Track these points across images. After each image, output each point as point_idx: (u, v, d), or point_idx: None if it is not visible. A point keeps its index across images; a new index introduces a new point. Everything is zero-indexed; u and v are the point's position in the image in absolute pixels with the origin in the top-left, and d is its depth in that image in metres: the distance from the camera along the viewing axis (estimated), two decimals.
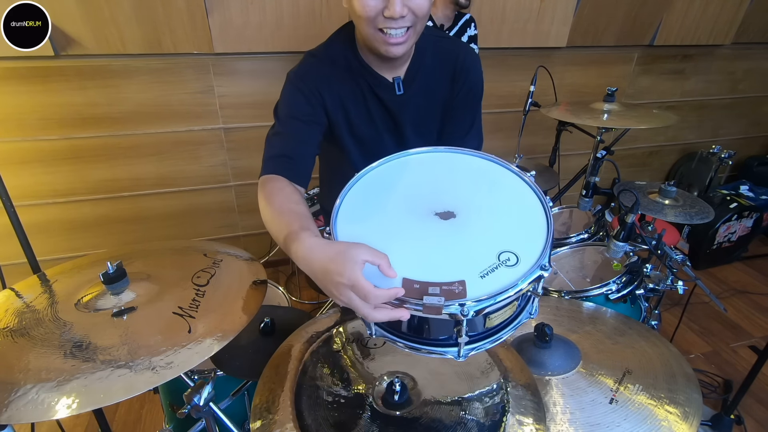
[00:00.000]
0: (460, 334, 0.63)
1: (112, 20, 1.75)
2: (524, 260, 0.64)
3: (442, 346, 0.67)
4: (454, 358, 0.66)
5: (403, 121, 1.06)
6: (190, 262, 0.98)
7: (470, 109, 1.11)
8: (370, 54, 0.98)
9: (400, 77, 1.02)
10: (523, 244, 0.66)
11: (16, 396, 0.64)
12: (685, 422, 0.75)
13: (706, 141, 3.12)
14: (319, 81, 0.98)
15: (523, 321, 0.70)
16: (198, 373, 1.09)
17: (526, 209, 0.73)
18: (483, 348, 0.67)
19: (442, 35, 1.10)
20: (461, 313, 0.57)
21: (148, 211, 2.23)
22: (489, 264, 0.63)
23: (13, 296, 0.89)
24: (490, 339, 0.68)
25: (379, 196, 0.79)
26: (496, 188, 0.79)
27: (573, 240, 1.85)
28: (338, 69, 0.99)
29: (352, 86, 1.01)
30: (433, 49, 1.05)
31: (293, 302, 1.44)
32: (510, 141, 2.60)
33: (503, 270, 0.62)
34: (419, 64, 1.03)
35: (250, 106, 2.13)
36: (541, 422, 0.73)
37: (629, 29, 2.45)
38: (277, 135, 0.96)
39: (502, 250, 0.65)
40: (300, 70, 1.00)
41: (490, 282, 0.61)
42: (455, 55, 1.05)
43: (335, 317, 0.97)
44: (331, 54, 1.00)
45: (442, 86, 1.07)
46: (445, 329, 0.65)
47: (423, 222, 0.72)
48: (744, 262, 2.70)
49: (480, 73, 1.10)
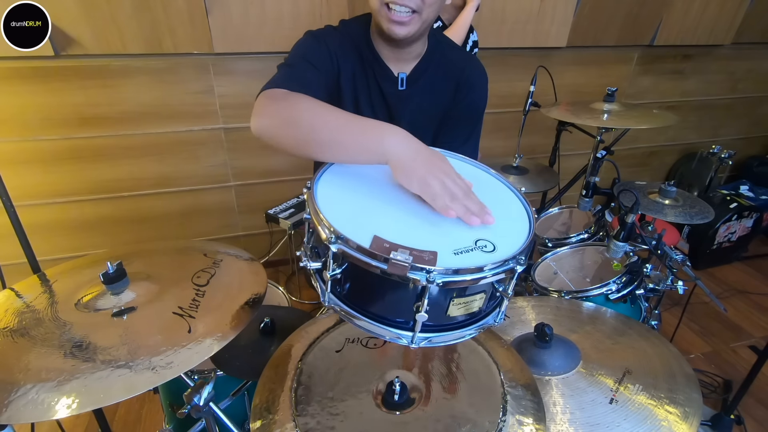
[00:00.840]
0: (419, 309, 0.60)
1: (112, 20, 1.75)
2: (501, 250, 0.63)
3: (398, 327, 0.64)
4: (407, 343, 0.63)
5: (399, 118, 1.07)
6: (190, 262, 0.98)
7: (468, 124, 1.11)
8: (381, 43, 0.99)
9: (405, 73, 1.02)
10: (502, 239, 0.66)
11: (16, 396, 0.64)
12: (685, 422, 0.75)
13: (706, 141, 3.12)
14: (337, 48, 0.98)
15: (487, 324, 0.68)
16: (198, 373, 1.09)
17: (511, 214, 0.74)
18: (440, 342, 0.65)
19: (456, 46, 1.11)
20: (426, 280, 0.56)
21: (149, 211, 2.23)
22: (465, 245, 0.63)
23: (13, 296, 0.89)
24: (449, 333, 0.65)
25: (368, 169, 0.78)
26: (484, 190, 0.79)
27: (573, 240, 1.85)
28: (353, 47, 1.00)
29: (362, 69, 1.02)
30: (444, 56, 1.05)
31: (293, 302, 1.44)
32: (510, 141, 2.61)
33: (478, 253, 0.62)
34: (427, 65, 1.03)
35: (250, 106, 2.08)
36: (541, 422, 0.73)
37: (629, 29, 2.45)
38: (289, 66, 0.92)
39: (481, 238, 0.65)
40: (322, 31, 1.00)
41: (462, 259, 0.60)
42: (462, 68, 1.06)
43: (335, 317, 0.97)
44: (349, 31, 1.01)
45: (445, 93, 1.07)
46: (405, 303, 0.62)
47: (408, 196, 0.71)
48: (744, 262, 2.70)
49: (484, 91, 1.10)
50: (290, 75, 0.89)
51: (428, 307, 0.60)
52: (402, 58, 1.01)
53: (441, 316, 0.64)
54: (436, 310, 0.62)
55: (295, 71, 0.91)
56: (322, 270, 0.65)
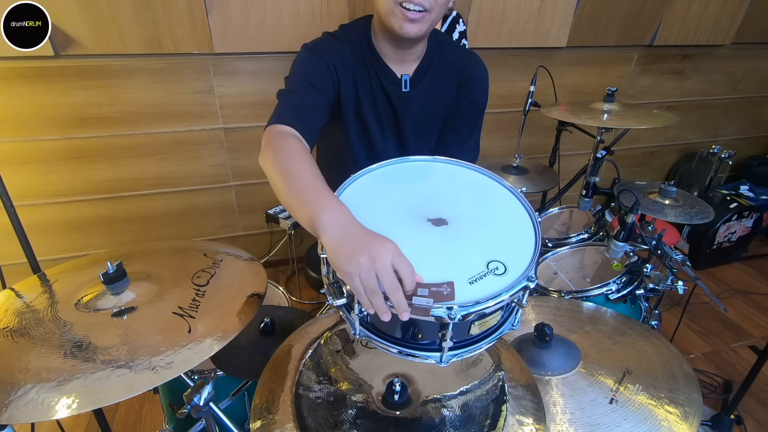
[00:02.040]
0: (444, 338, 0.63)
1: (112, 20, 1.75)
2: (512, 270, 0.65)
3: (425, 350, 0.67)
4: (437, 363, 0.66)
5: (404, 119, 1.07)
6: (190, 262, 0.98)
7: (470, 121, 1.12)
8: (384, 44, 0.99)
9: (408, 75, 1.02)
10: (511, 254, 0.67)
11: (16, 396, 0.64)
12: (685, 422, 0.75)
13: (706, 141, 3.12)
14: (335, 57, 0.98)
15: (505, 332, 0.71)
16: (198, 373, 1.09)
17: (516, 222, 0.75)
18: (467, 355, 0.68)
19: (455, 44, 1.11)
20: (448, 317, 0.58)
21: (148, 211, 2.23)
22: (478, 271, 0.64)
23: (13, 296, 0.89)
24: (473, 347, 0.68)
25: (372, 196, 0.79)
26: (488, 200, 0.80)
27: (573, 240, 1.85)
28: (354, 53, 1.00)
29: (364, 74, 1.02)
30: (445, 55, 1.05)
31: (293, 302, 1.44)
32: (510, 141, 2.60)
33: (491, 278, 0.63)
34: (428, 66, 1.04)
35: (250, 106, 2.13)
36: (541, 422, 0.73)
37: (629, 29, 2.45)
38: (290, 93, 0.95)
39: (491, 259, 0.66)
40: (318, 43, 1.00)
41: (478, 288, 0.62)
42: (463, 66, 1.06)
43: (335, 317, 0.97)
44: (349, 37, 1.01)
45: (448, 92, 1.07)
46: (430, 333, 0.66)
47: (414, 226, 0.72)
48: (744, 262, 2.70)
49: (485, 88, 1.11)
50: (289, 107, 0.92)
51: (452, 333, 0.63)
52: (404, 60, 1.01)
53: (464, 335, 0.67)
54: (459, 333, 0.66)
55: (294, 98, 0.93)
56: (349, 307, 0.68)
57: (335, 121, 1.06)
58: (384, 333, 0.69)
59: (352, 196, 0.78)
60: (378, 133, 1.09)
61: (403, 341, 0.68)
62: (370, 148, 1.11)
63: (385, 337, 0.69)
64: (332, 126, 1.06)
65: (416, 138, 1.11)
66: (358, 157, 1.10)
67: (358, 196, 0.78)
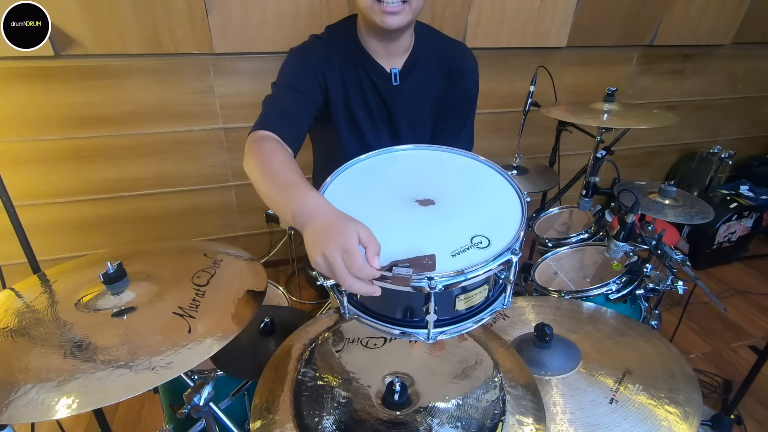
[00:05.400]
0: (428, 311, 0.64)
1: (112, 20, 1.75)
2: (496, 243, 0.66)
3: (414, 327, 0.68)
4: (424, 340, 0.67)
5: (397, 113, 1.07)
6: (190, 262, 0.98)
7: (462, 111, 1.12)
8: (371, 40, 1.00)
9: (397, 69, 1.03)
10: (496, 230, 0.68)
11: (16, 396, 0.64)
12: (685, 422, 0.75)
13: (706, 141, 3.12)
14: (322, 60, 0.99)
15: (496, 309, 0.72)
16: (198, 373, 1.09)
17: (503, 201, 0.76)
18: (454, 332, 0.68)
19: (442, 35, 1.12)
20: (428, 286, 0.59)
21: (148, 211, 2.23)
22: (461, 245, 0.65)
23: (13, 296, 0.89)
24: (460, 324, 0.69)
25: (363, 182, 0.81)
26: (476, 182, 0.82)
27: (573, 240, 1.85)
28: (341, 53, 1.01)
29: (352, 72, 1.02)
30: (433, 46, 1.06)
31: (293, 302, 1.44)
32: (510, 141, 2.60)
33: (474, 251, 0.64)
34: (417, 58, 1.04)
35: (250, 106, 2.13)
36: (541, 422, 0.73)
37: (629, 29, 2.45)
38: (274, 99, 0.97)
39: (476, 234, 0.67)
40: (304, 48, 1.01)
41: (460, 260, 0.63)
42: (452, 57, 1.07)
43: (335, 317, 0.97)
44: (335, 38, 1.02)
45: (438, 84, 1.08)
46: (416, 308, 0.66)
47: (402, 207, 0.74)
48: (744, 262, 2.70)
49: (475, 77, 1.11)
50: (272, 112, 0.93)
51: (436, 307, 0.64)
52: (392, 53, 1.02)
53: (450, 311, 0.67)
54: (444, 308, 0.66)
55: (277, 104, 0.95)
56: (338, 286, 0.68)
57: (327, 123, 1.06)
58: (373, 311, 0.70)
59: (339, 184, 0.80)
60: (370, 129, 1.09)
61: (392, 319, 0.69)
62: (362, 145, 1.12)
63: (375, 315, 0.70)
64: (324, 127, 1.07)
65: (411, 131, 1.12)
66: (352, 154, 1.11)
67: (345, 185, 0.80)
